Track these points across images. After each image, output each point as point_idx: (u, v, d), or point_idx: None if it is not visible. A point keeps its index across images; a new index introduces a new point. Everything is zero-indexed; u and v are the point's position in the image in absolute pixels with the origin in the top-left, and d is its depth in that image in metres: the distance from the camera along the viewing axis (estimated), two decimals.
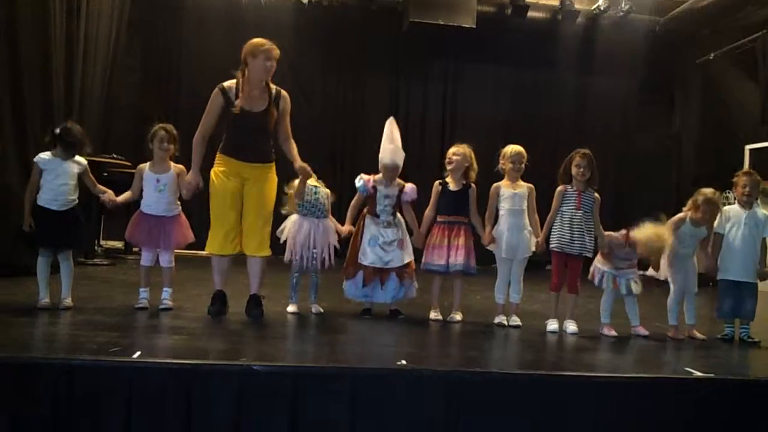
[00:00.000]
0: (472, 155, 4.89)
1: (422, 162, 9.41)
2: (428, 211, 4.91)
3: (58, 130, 4.27)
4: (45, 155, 4.26)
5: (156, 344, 3.51)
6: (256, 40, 4.28)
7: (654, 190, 9.59)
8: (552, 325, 4.60)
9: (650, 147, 10.06)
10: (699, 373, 3.42)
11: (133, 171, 7.38)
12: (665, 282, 4.78)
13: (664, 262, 4.72)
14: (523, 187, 4.79)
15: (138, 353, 3.03)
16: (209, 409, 2.91)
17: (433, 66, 10.15)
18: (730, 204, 5.07)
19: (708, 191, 4.65)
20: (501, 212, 4.76)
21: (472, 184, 4.89)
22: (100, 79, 7.45)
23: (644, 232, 4.51)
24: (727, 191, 7.56)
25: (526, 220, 4.75)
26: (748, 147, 9.15)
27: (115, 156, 7.31)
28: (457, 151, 4.88)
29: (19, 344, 3.30)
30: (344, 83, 9.93)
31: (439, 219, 4.89)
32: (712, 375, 3.44)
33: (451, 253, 4.76)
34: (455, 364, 3.57)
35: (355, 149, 9.70)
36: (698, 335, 4.64)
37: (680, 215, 4.73)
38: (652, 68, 10.08)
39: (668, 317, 4.69)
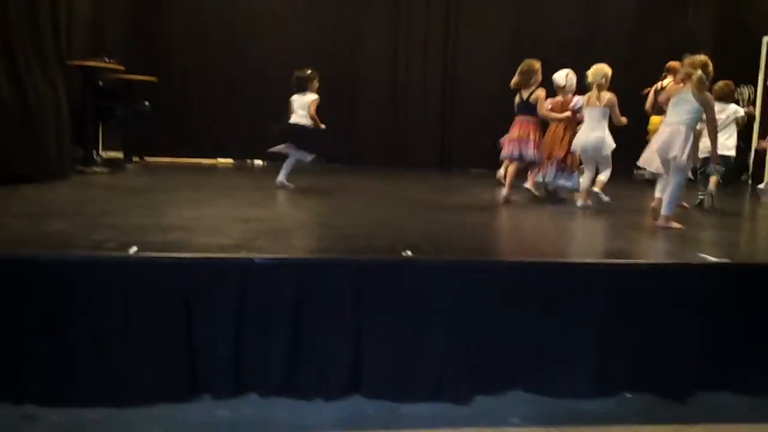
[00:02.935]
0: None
1: (425, 82, 9.09)
2: None
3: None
4: None
5: (155, 241, 3.40)
6: None
7: None
8: None
9: (664, 42, 9.60)
10: (714, 259, 3.32)
11: (127, 77, 7.21)
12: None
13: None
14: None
15: (134, 248, 2.94)
16: (209, 304, 2.84)
17: None
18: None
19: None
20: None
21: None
22: None
23: None
24: (741, 85, 7.31)
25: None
26: (765, 38, 8.80)
27: (107, 60, 6.89)
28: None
29: (17, 242, 3.23)
30: (342, 3, 9.44)
31: None
32: (727, 260, 3.36)
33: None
34: (461, 253, 3.48)
35: (355, 70, 9.36)
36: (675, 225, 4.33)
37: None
38: None
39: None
